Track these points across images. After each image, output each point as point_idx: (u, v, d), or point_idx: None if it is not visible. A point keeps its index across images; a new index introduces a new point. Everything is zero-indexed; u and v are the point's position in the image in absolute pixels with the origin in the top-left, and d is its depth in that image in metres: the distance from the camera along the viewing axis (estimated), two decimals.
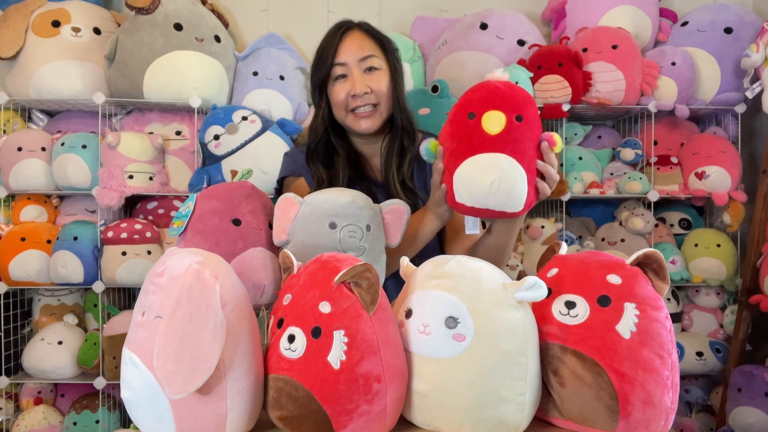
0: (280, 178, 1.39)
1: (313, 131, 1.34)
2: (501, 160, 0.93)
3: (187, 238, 1.02)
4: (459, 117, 0.97)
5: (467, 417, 0.75)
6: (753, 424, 1.93)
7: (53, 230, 2.15)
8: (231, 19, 2.40)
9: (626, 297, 0.77)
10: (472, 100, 0.97)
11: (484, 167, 0.93)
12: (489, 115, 0.93)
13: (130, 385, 0.73)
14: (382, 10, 2.49)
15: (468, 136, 0.95)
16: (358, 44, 1.27)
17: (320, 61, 1.28)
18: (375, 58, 1.27)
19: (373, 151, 1.37)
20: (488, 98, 0.95)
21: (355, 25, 1.30)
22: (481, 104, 0.95)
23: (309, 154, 1.34)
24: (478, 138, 0.94)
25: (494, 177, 0.92)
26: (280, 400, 0.74)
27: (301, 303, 0.76)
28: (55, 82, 2.11)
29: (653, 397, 0.74)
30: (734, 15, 2.25)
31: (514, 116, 0.93)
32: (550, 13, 2.45)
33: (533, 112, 0.96)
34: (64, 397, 2.25)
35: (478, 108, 0.95)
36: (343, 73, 1.26)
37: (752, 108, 2.27)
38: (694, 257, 2.25)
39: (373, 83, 1.26)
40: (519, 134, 0.94)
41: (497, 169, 0.93)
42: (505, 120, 0.93)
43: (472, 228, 1.04)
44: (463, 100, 0.98)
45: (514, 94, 0.95)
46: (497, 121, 0.93)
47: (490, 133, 0.93)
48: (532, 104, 0.97)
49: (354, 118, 1.28)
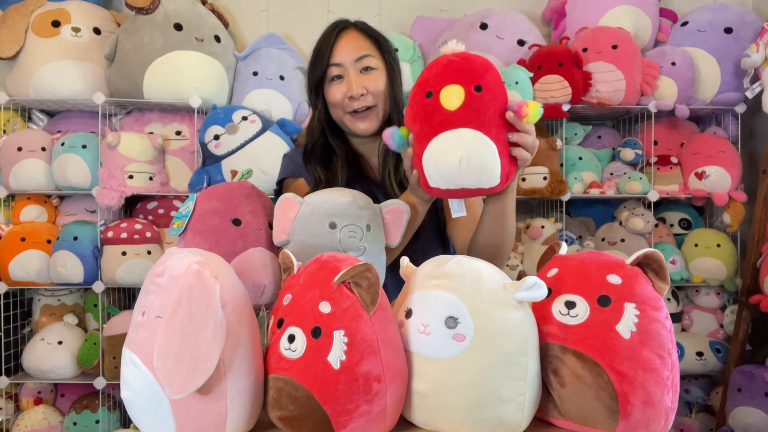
0: (279, 179, 1.38)
1: (310, 132, 1.33)
2: (465, 134, 0.88)
3: (187, 238, 1.02)
4: (418, 98, 0.93)
5: (467, 417, 0.75)
6: (753, 424, 1.93)
7: (53, 230, 2.15)
8: (231, 19, 2.40)
9: (626, 297, 0.77)
10: (427, 79, 0.92)
11: (448, 145, 0.90)
12: (446, 90, 0.89)
13: (130, 385, 0.73)
14: (382, 10, 2.50)
15: (428, 116, 0.91)
16: (354, 44, 1.26)
17: (316, 62, 1.27)
18: (371, 58, 1.26)
19: (371, 151, 1.37)
20: (443, 73, 0.90)
21: (351, 25, 1.29)
22: (437, 81, 0.91)
23: (306, 155, 1.33)
24: (438, 116, 0.90)
25: (461, 154, 0.88)
26: (280, 400, 0.74)
27: (301, 303, 0.76)
28: (55, 82, 2.11)
29: (653, 397, 0.74)
30: (734, 15, 2.26)
31: (472, 87, 0.89)
32: (550, 13, 2.45)
33: (494, 79, 0.91)
34: (64, 397, 2.25)
35: (434, 85, 0.91)
36: (339, 73, 1.25)
37: (752, 108, 2.27)
38: (694, 257, 2.25)
39: (369, 83, 1.25)
40: (480, 105, 0.89)
41: (462, 144, 0.88)
42: (464, 92, 0.88)
43: (458, 210, 1.01)
44: (420, 80, 0.94)
45: (469, 64, 0.90)
46: (455, 95, 0.89)
47: (450, 108, 0.89)
48: (491, 71, 0.92)
49: (351, 120, 1.27)
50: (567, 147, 2.28)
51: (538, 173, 2.15)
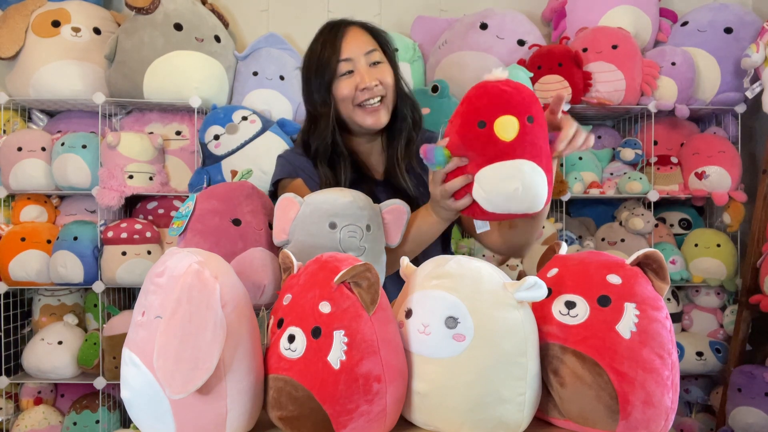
0: (275, 180, 1.36)
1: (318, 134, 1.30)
2: (523, 166, 0.89)
3: (187, 238, 1.02)
4: (469, 126, 0.93)
5: (467, 417, 0.75)
6: (753, 424, 1.93)
7: (53, 230, 2.15)
8: (231, 19, 2.40)
9: (626, 297, 0.77)
10: (479, 107, 0.92)
11: (506, 176, 0.90)
12: (500, 121, 0.89)
13: (130, 385, 0.73)
14: (382, 10, 2.50)
15: (483, 146, 0.91)
16: (360, 39, 1.27)
17: (322, 62, 1.26)
18: (377, 52, 1.27)
19: (370, 150, 1.36)
20: (496, 103, 0.91)
21: (351, 23, 1.30)
22: (490, 111, 0.90)
23: (315, 157, 1.31)
24: (494, 147, 0.90)
25: (517, 185, 0.89)
26: (280, 400, 0.74)
27: (301, 303, 0.76)
28: (55, 82, 2.11)
29: (653, 397, 0.74)
30: (734, 15, 2.25)
31: (525, 118, 0.90)
32: (550, 13, 2.45)
33: (540, 109, 0.93)
34: (64, 397, 2.25)
35: (488, 115, 0.90)
36: (349, 69, 1.25)
37: (752, 108, 2.27)
38: (694, 257, 2.25)
39: (380, 75, 1.26)
40: (533, 136, 0.91)
41: (520, 176, 0.89)
42: (518, 124, 0.89)
43: (482, 227, 1.02)
44: (470, 107, 0.93)
45: (520, 95, 0.91)
46: (510, 126, 0.89)
47: (506, 140, 0.89)
48: (537, 102, 0.94)
49: (361, 114, 1.26)
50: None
51: None
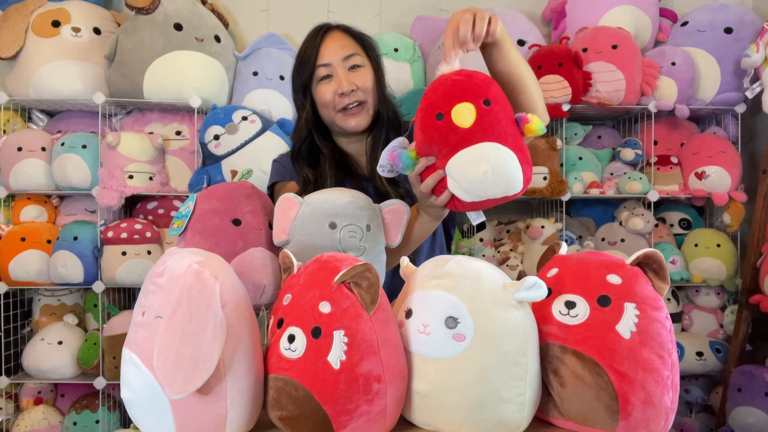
0: (270, 184, 1.38)
1: (296, 133, 1.34)
2: (487, 148, 0.90)
3: (187, 238, 1.02)
4: (428, 122, 0.94)
5: (467, 417, 0.75)
6: (753, 424, 1.93)
7: (53, 230, 2.15)
8: (231, 19, 2.40)
9: (626, 297, 0.77)
10: (434, 101, 0.93)
11: (471, 161, 0.91)
12: (457, 109, 0.91)
13: (130, 385, 0.73)
14: (382, 10, 2.49)
15: (444, 137, 0.92)
16: (340, 44, 1.27)
17: (303, 64, 1.28)
18: (357, 56, 1.28)
19: (359, 150, 1.37)
20: (449, 93, 0.92)
21: (334, 27, 1.31)
22: (445, 102, 0.92)
23: (294, 156, 1.34)
24: (455, 135, 0.91)
25: (485, 167, 0.89)
26: (280, 400, 0.74)
27: (301, 303, 0.76)
28: (55, 82, 2.11)
29: (653, 397, 0.74)
30: (734, 15, 2.25)
31: (481, 102, 0.91)
32: (550, 13, 2.45)
33: (497, 90, 0.94)
34: (64, 397, 2.25)
35: (444, 106, 0.92)
36: (327, 73, 1.26)
37: (752, 108, 2.27)
38: (694, 257, 2.25)
39: (358, 80, 1.26)
40: (492, 118, 0.91)
41: (485, 158, 0.90)
42: (475, 108, 0.90)
43: (476, 219, 1.02)
44: (426, 103, 0.95)
45: (472, 80, 0.93)
46: (467, 112, 0.90)
47: (464, 126, 0.90)
48: (493, 83, 0.94)
49: (343, 117, 1.28)
50: (567, 147, 2.28)
51: (539, 173, 2.14)
